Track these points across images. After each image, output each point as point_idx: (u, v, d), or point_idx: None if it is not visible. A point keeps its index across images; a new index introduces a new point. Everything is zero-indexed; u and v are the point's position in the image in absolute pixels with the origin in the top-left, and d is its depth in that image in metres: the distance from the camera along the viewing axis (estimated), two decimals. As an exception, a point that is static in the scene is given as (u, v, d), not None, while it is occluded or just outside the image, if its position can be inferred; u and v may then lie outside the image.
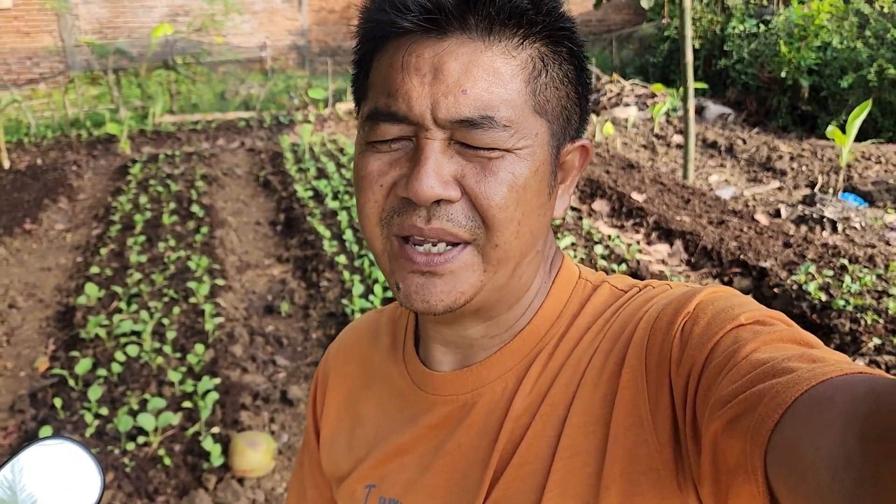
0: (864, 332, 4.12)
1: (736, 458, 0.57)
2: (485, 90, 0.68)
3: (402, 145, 0.72)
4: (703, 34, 11.70)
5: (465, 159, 0.70)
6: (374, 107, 0.72)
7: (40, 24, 11.91)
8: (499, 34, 0.69)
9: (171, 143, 9.92)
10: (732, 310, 0.67)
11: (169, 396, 3.75)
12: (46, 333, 4.75)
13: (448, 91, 0.68)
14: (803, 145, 8.63)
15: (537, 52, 0.72)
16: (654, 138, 9.48)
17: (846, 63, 9.16)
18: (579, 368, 0.75)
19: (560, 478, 0.72)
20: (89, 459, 0.89)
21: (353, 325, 1.04)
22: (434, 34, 0.69)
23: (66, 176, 8.18)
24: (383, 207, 0.73)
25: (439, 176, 0.69)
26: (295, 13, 13.39)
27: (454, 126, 0.69)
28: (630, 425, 0.70)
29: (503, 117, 0.69)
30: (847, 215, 6.25)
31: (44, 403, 3.83)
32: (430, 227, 0.70)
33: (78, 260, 5.99)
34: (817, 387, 0.53)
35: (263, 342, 4.50)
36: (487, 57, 0.69)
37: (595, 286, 0.83)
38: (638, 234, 6.14)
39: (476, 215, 0.70)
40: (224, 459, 3.26)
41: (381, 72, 0.72)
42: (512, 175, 0.70)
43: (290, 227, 6.49)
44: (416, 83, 0.69)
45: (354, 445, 0.91)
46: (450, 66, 0.68)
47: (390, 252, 0.74)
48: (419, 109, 0.68)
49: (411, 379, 0.87)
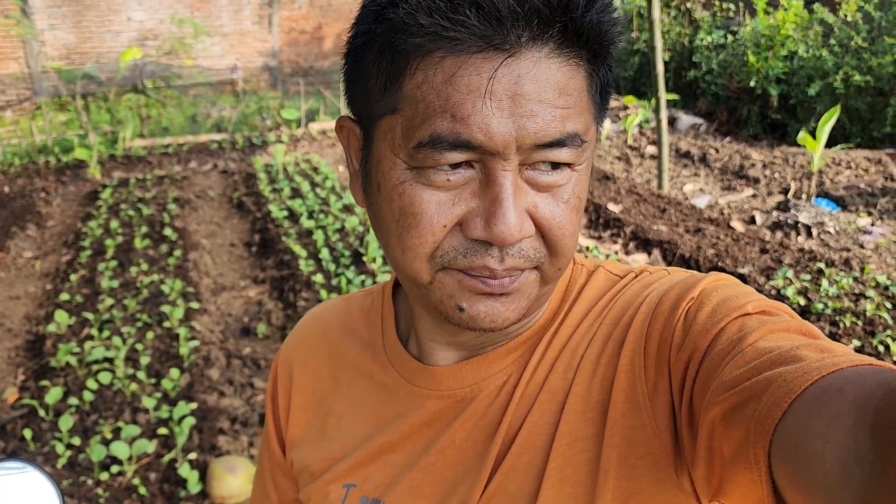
0: (844, 334, 4.13)
1: (736, 444, 0.55)
2: (565, 107, 0.63)
3: (462, 173, 0.64)
4: (672, 46, 11.85)
5: (535, 188, 0.66)
6: (434, 133, 0.62)
7: (6, 50, 11.73)
8: (571, 49, 0.64)
9: (143, 166, 9.78)
10: (738, 298, 0.66)
11: (144, 423, 3.65)
12: (15, 363, 4.61)
13: (533, 114, 0.62)
14: (775, 153, 8.73)
15: (593, 58, 0.67)
16: (627, 150, 9.54)
17: (813, 71, 9.31)
18: (577, 355, 0.74)
19: (559, 465, 0.71)
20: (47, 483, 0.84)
21: (314, 314, 0.98)
22: (503, 52, 0.61)
23: (35, 203, 8.02)
24: (440, 246, 0.66)
25: (518, 213, 0.64)
26: (265, 34, 13.35)
27: (535, 150, 0.63)
28: (628, 410, 0.69)
29: (584, 132, 0.65)
30: (821, 220, 6.31)
31: (13, 435, 3.70)
32: (504, 267, 0.66)
33: (47, 287, 5.85)
34: (827, 377, 0.51)
35: (241, 365, 4.41)
36: (561, 74, 0.63)
37: (591, 272, 0.81)
38: (616, 244, 6.14)
39: (542, 245, 0.68)
40: (202, 486, 3.17)
41: (432, 89, 0.62)
42: (578, 199, 0.68)
43: (265, 248, 6.40)
44: (495, 109, 0.61)
45: (326, 444, 0.87)
46: (528, 88, 0.61)
47: (444, 282, 0.68)
48: (500, 138, 0.61)
49: (398, 373, 0.82)
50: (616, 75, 13.33)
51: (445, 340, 0.79)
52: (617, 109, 11.10)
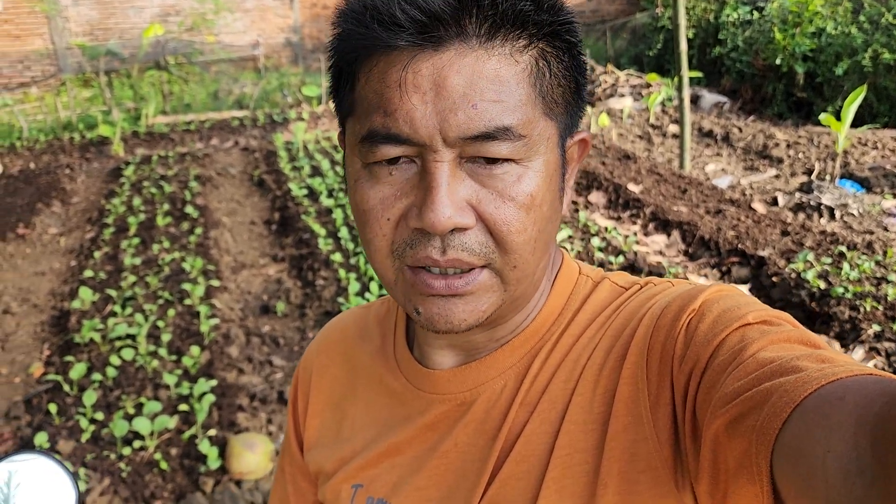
0: (864, 319, 4.09)
1: (739, 456, 0.55)
2: (494, 101, 0.64)
3: (403, 168, 0.67)
4: (697, 23, 11.65)
5: (479, 182, 0.66)
6: (370, 128, 0.66)
7: (31, 27, 11.83)
8: (500, 40, 0.65)
9: (165, 143, 9.86)
10: (739, 309, 0.66)
11: (164, 400, 3.72)
12: (41, 338, 4.71)
13: (455, 107, 0.63)
14: (799, 132, 8.59)
15: (539, 51, 0.67)
16: (649, 129, 9.44)
17: (841, 49, 9.12)
18: (578, 365, 0.74)
19: (557, 475, 0.71)
20: (63, 473, 0.87)
21: (334, 322, 1.01)
22: (430, 46, 0.63)
23: (59, 179, 8.13)
24: (393, 240, 0.69)
25: (454, 202, 0.65)
26: (287, 10, 13.31)
27: (465, 143, 0.64)
28: (629, 423, 0.68)
29: (519, 125, 0.65)
30: (844, 202, 6.22)
31: (39, 409, 3.79)
32: (445, 259, 0.67)
33: (72, 264, 5.95)
34: (827, 386, 0.51)
35: (259, 343, 4.47)
36: (491, 65, 0.64)
37: (596, 283, 0.81)
38: (635, 225, 6.11)
39: (489, 240, 0.68)
40: (221, 462, 3.23)
41: (371, 88, 0.66)
42: (530, 196, 0.67)
43: (284, 226, 6.45)
44: (418, 102, 0.63)
45: (340, 446, 0.90)
46: (453, 81, 0.63)
47: (403, 281, 0.71)
48: (425, 130, 0.64)
49: (406, 378, 0.85)
50: (639, 52, 13.16)
51: (439, 344, 0.81)
52: (640, 87, 10.97)
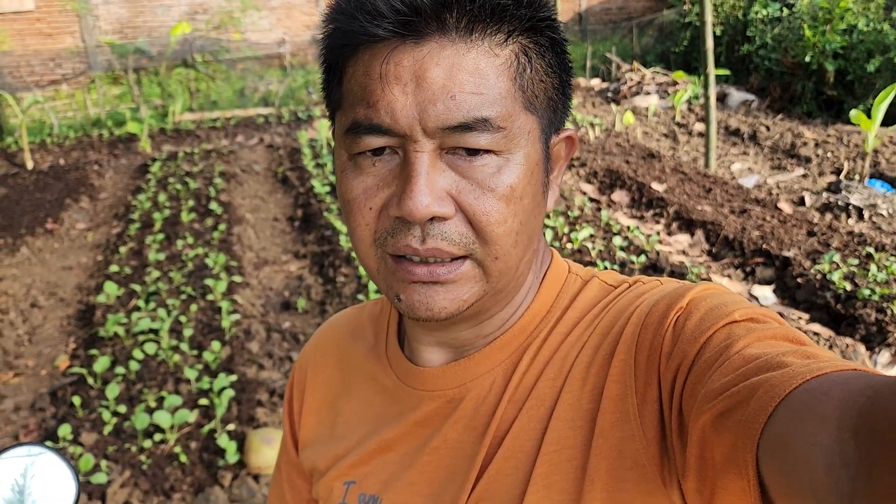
0: (891, 322, 4.01)
1: (726, 451, 0.56)
2: (473, 93, 0.65)
3: (386, 159, 0.69)
4: (725, 20, 11.51)
5: (459, 173, 0.68)
6: (353, 119, 0.69)
7: (62, 25, 12.01)
8: (480, 34, 0.67)
9: (191, 140, 9.97)
10: (726, 307, 0.66)
11: (185, 394, 3.77)
12: (67, 332, 4.80)
13: (435, 98, 0.65)
14: (829, 131, 8.45)
15: (520, 46, 0.69)
16: (675, 127, 9.35)
17: (873, 46, 8.95)
18: (567, 363, 0.75)
19: (545, 472, 0.71)
20: (65, 467, 0.88)
21: (330, 322, 1.03)
22: (411, 39, 0.65)
23: (88, 175, 8.26)
24: (375, 229, 0.71)
25: (432, 192, 0.66)
26: (313, 8, 13.38)
27: (445, 134, 0.66)
28: (617, 420, 0.69)
29: (497, 117, 0.66)
30: (873, 202, 6.10)
31: (63, 401, 3.86)
32: (425, 248, 0.68)
33: (98, 259, 6.04)
34: (812, 381, 0.52)
35: (280, 338, 4.51)
36: (470, 58, 0.66)
37: (585, 281, 0.82)
38: (658, 224, 6.05)
39: (470, 231, 0.69)
40: (239, 456, 3.27)
41: (356, 81, 0.69)
42: (510, 188, 0.68)
43: (307, 223, 6.49)
44: (398, 93, 0.65)
45: (334, 443, 0.91)
46: (432, 72, 0.65)
47: (385, 269, 0.72)
48: (405, 121, 0.66)
49: (396, 376, 0.86)
50: (665, 49, 13.02)
51: (428, 341, 0.82)
52: (666, 85, 10.86)
